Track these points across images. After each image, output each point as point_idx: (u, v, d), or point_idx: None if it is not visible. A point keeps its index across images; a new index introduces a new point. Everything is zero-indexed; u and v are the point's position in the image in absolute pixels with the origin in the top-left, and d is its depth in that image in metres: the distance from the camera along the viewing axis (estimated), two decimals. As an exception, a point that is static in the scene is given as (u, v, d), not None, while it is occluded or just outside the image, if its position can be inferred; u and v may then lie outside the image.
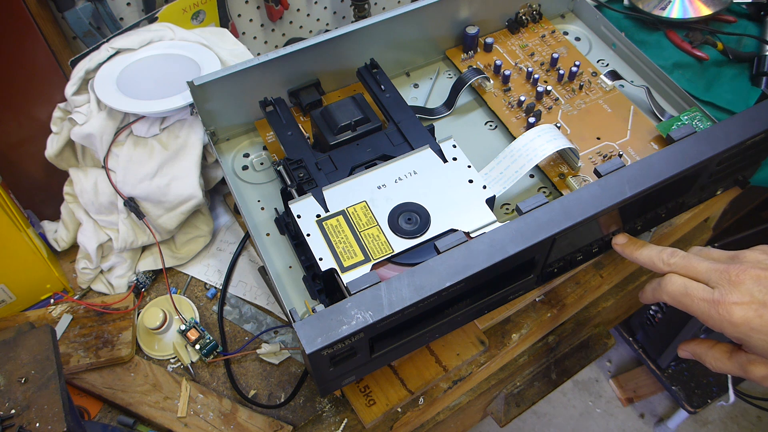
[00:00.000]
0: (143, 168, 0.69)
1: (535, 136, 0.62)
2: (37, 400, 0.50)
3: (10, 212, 0.65)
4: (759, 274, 0.46)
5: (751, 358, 0.48)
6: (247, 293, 0.72)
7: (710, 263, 0.49)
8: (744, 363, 0.48)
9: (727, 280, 0.47)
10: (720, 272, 0.48)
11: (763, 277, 0.46)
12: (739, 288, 0.46)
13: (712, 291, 0.47)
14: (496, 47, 0.78)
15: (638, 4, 0.92)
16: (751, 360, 0.48)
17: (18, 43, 0.73)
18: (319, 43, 0.67)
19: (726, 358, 0.50)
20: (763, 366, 0.47)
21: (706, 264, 0.49)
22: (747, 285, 0.46)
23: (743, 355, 0.48)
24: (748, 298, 0.45)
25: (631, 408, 1.54)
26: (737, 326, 0.46)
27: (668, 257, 0.51)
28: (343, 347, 0.46)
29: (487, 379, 0.77)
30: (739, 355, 0.49)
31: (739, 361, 0.49)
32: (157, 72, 0.73)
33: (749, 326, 0.45)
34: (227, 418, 0.63)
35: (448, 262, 0.48)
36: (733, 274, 0.47)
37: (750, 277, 0.46)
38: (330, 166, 0.61)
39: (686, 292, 0.49)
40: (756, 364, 0.47)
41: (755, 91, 0.85)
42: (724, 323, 0.46)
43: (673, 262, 0.51)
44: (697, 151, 0.54)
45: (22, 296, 0.70)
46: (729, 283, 0.47)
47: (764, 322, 0.45)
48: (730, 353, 0.50)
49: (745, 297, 0.46)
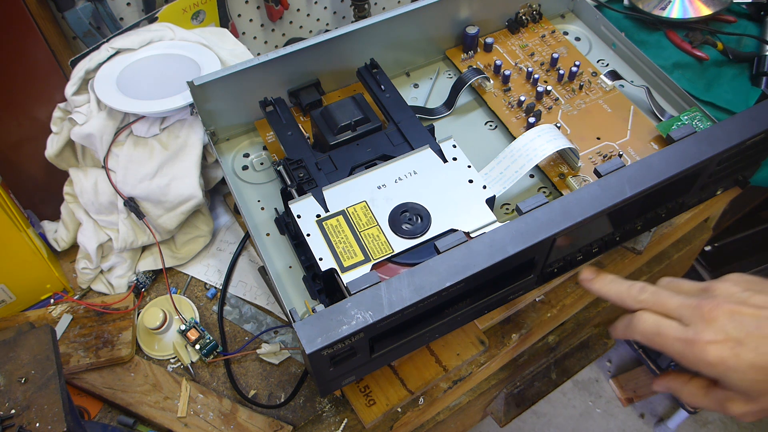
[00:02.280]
0: (143, 168, 0.69)
1: (535, 136, 0.62)
2: (37, 400, 0.50)
3: (10, 212, 0.65)
4: (732, 309, 0.44)
5: (729, 395, 0.46)
6: (247, 293, 0.72)
7: (682, 298, 0.47)
8: (721, 399, 0.46)
9: (700, 317, 0.45)
10: (692, 308, 0.46)
11: (737, 312, 0.44)
12: (712, 325, 0.44)
13: (685, 329, 0.45)
14: (496, 47, 0.78)
15: (638, 4, 0.92)
16: (729, 397, 0.46)
17: (18, 43, 0.73)
18: (319, 43, 0.67)
19: (702, 394, 0.48)
20: (741, 403, 0.45)
21: (677, 299, 0.47)
22: (721, 322, 0.44)
23: (720, 392, 0.47)
24: (722, 336, 0.44)
25: (631, 408, 1.54)
26: (713, 366, 0.44)
27: (638, 293, 0.49)
28: (343, 347, 0.46)
29: (487, 379, 0.77)
30: (716, 392, 0.47)
31: (716, 397, 0.47)
32: (157, 72, 0.73)
33: (725, 365, 0.44)
34: (227, 418, 0.63)
35: (448, 262, 0.48)
36: (705, 310, 0.45)
37: (723, 312, 0.44)
38: (330, 166, 0.61)
39: (659, 332, 0.47)
40: (734, 400, 0.46)
41: (755, 91, 0.85)
42: (700, 363, 0.45)
43: (643, 298, 0.49)
44: (697, 151, 0.54)
45: (22, 296, 0.70)
46: (702, 320, 0.45)
47: (740, 361, 0.43)
48: (706, 389, 0.48)
49: (720, 335, 0.44)
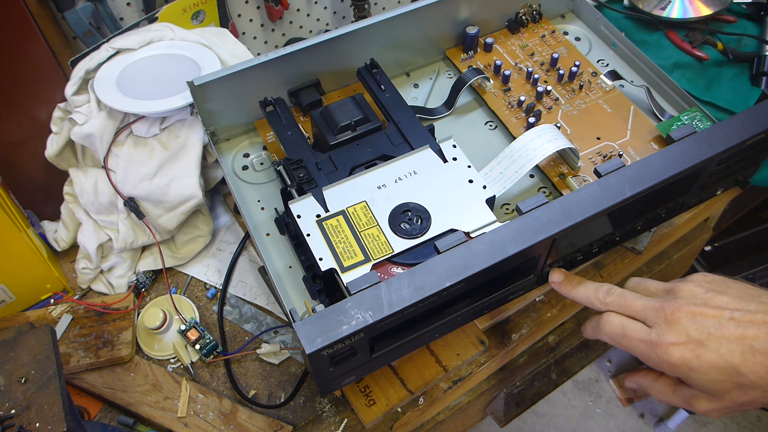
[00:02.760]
0: (143, 168, 0.69)
1: (535, 136, 0.62)
2: (37, 400, 0.50)
3: (10, 212, 0.64)
4: (694, 311, 0.45)
5: (694, 393, 0.47)
6: (247, 293, 0.72)
7: (646, 301, 0.48)
8: (688, 397, 0.48)
9: (663, 319, 0.46)
10: (656, 310, 0.47)
11: (698, 314, 0.45)
12: (674, 327, 0.45)
13: (649, 332, 0.47)
14: (496, 47, 0.78)
15: (638, 4, 0.92)
16: (694, 395, 0.47)
17: (18, 43, 0.73)
18: (319, 43, 0.67)
19: (671, 391, 0.49)
20: (706, 401, 0.47)
21: (641, 302, 0.48)
22: (683, 323, 0.45)
23: (686, 390, 0.48)
24: (684, 337, 0.45)
25: (631, 408, 1.54)
26: (676, 367, 0.45)
27: (604, 296, 0.51)
28: (343, 347, 0.46)
29: (487, 379, 0.77)
30: (682, 389, 0.48)
31: (683, 395, 0.48)
32: (157, 72, 0.73)
33: (688, 366, 0.45)
34: (227, 418, 0.63)
35: (448, 262, 0.48)
36: (668, 312, 0.46)
37: (685, 314, 0.46)
38: (330, 166, 0.61)
39: (624, 333, 0.48)
40: (699, 399, 0.47)
41: (755, 91, 0.85)
42: (663, 364, 0.46)
43: (610, 301, 0.50)
44: (697, 151, 0.54)
45: (22, 296, 0.70)
46: (665, 322, 0.46)
47: (702, 363, 0.44)
48: (674, 387, 0.49)
49: (682, 337, 0.45)
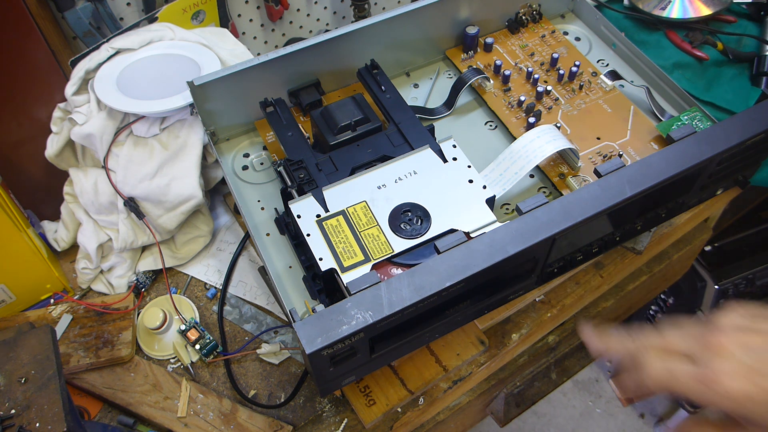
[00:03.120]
0: (143, 168, 0.69)
1: (534, 137, 0.62)
2: (37, 400, 0.50)
3: (10, 212, 0.64)
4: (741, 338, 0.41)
5: None
6: (247, 293, 0.72)
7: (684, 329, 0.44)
8: None
9: (709, 349, 0.41)
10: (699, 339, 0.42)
11: (747, 341, 0.41)
12: (725, 356, 0.41)
13: (697, 366, 0.41)
14: (496, 47, 0.78)
15: (638, 4, 0.92)
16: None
17: (18, 43, 0.73)
18: (319, 43, 0.67)
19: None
20: None
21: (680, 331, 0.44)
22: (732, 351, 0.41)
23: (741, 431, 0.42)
24: (738, 366, 0.40)
25: (631, 408, 1.54)
26: (737, 401, 0.40)
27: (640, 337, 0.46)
28: (343, 347, 0.46)
29: (487, 379, 0.77)
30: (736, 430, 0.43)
31: None
32: (157, 72, 0.73)
33: (750, 399, 0.40)
34: (227, 418, 0.63)
35: (448, 262, 0.48)
36: (714, 340, 0.42)
37: (732, 342, 0.41)
38: (330, 167, 0.61)
39: (672, 374, 0.43)
40: None
41: (755, 91, 0.85)
42: (723, 401, 0.40)
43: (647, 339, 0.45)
44: (697, 151, 0.54)
45: (22, 296, 0.70)
46: (712, 351, 0.41)
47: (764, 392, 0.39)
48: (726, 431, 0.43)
49: (735, 366, 0.40)
